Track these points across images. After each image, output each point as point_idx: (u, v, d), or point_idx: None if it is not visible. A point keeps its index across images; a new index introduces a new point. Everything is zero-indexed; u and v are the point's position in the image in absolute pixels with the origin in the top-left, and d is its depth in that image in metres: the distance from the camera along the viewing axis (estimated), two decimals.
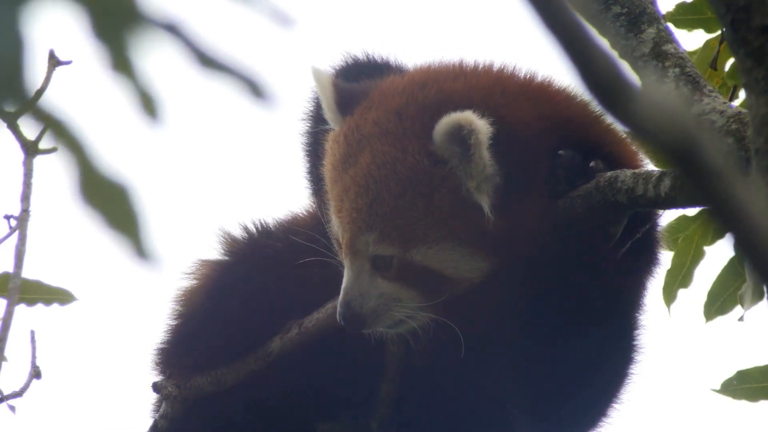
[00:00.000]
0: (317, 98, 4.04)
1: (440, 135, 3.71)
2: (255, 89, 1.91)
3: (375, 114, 3.79)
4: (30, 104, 1.90)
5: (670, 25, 3.78)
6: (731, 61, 4.75)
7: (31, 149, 3.82)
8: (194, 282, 4.14)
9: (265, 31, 1.92)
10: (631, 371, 3.99)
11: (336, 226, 3.81)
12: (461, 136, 3.67)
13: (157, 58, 1.86)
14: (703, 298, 4.71)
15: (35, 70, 1.85)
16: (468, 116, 3.68)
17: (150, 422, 4.14)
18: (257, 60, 1.94)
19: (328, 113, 3.90)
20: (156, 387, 4.07)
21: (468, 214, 3.69)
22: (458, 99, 3.76)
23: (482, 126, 3.66)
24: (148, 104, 1.85)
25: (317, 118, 4.11)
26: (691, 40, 4.77)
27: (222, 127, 5.78)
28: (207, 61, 1.88)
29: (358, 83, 3.92)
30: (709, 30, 4.77)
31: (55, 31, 1.89)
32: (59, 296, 4.28)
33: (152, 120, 1.86)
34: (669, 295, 4.71)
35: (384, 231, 3.72)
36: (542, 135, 3.75)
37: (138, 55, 1.84)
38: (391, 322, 3.78)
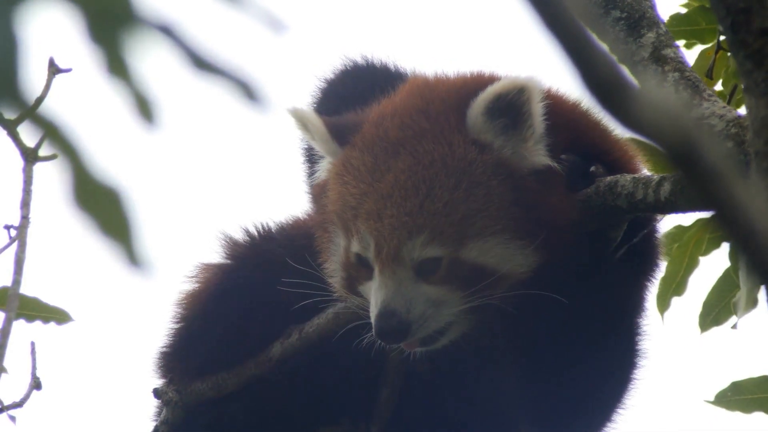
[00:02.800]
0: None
1: (478, 116, 3.68)
2: (249, 92, 1.90)
3: (393, 122, 3.74)
4: (30, 111, 1.90)
5: None
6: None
7: (30, 156, 3.82)
8: (196, 285, 4.13)
9: (259, 34, 1.92)
10: (634, 376, 3.97)
11: (362, 242, 3.70)
12: (508, 101, 3.66)
13: (152, 61, 1.85)
14: (698, 308, 4.70)
15: (34, 77, 1.85)
16: (505, 83, 3.68)
17: (151, 428, 4.14)
18: (251, 62, 1.93)
19: (323, 145, 3.83)
20: (157, 393, 4.07)
21: (526, 199, 3.64)
22: (472, 88, 3.74)
23: (529, 81, 3.66)
24: (144, 107, 1.85)
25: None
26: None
27: (217, 130, 5.77)
28: (201, 63, 1.87)
29: (340, 116, 3.88)
30: (703, 41, 4.77)
31: (50, 34, 1.89)
32: (56, 315, 4.29)
33: (148, 123, 1.85)
34: (663, 303, 4.70)
35: (436, 229, 3.64)
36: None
37: (133, 58, 1.83)
38: (438, 327, 3.68)
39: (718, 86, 4.78)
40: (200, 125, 5.50)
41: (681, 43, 4.76)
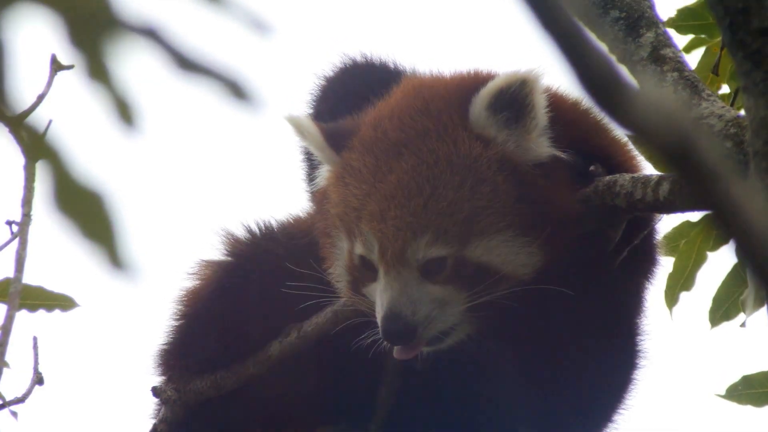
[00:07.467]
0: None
1: (481, 111, 3.67)
2: (237, 90, 1.89)
3: (393, 123, 3.72)
4: (32, 108, 1.89)
5: (672, 31, 3.76)
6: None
7: (32, 154, 3.81)
8: (197, 283, 4.12)
9: (244, 36, 1.90)
10: (635, 376, 3.96)
11: (366, 244, 3.69)
12: (510, 94, 3.65)
13: (135, 64, 1.84)
14: (708, 303, 4.69)
15: (23, 76, 1.84)
16: (507, 76, 3.67)
17: (149, 426, 4.13)
18: (239, 63, 1.92)
19: (320, 153, 3.83)
20: (155, 391, 4.06)
21: (531, 196, 3.63)
22: (472, 85, 3.73)
23: (531, 73, 3.66)
24: (125, 111, 1.83)
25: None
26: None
27: (206, 131, 5.77)
28: (187, 64, 1.86)
29: (336, 122, 3.86)
30: (710, 35, 4.75)
31: (32, 38, 1.88)
32: (61, 302, 4.27)
33: (129, 127, 1.84)
34: (671, 298, 4.70)
35: (440, 229, 3.61)
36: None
37: (115, 62, 1.82)
38: (444, 328, 3.67)
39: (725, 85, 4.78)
40: (192, 126, 5.50)
41: (688, 38, 4.74)
